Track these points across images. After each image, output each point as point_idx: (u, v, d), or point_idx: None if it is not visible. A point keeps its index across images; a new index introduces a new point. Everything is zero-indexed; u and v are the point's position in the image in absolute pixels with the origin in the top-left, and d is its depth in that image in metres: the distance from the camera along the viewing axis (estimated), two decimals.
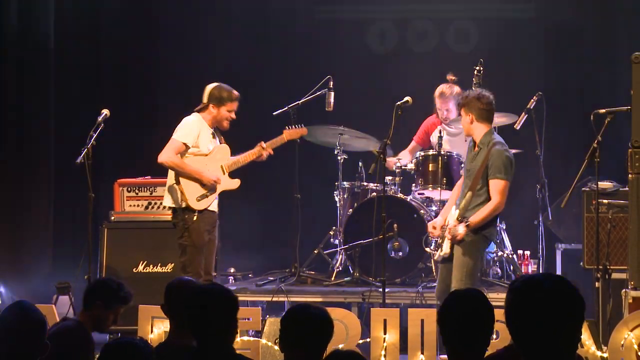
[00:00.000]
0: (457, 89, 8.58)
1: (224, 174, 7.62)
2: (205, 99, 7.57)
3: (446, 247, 7.11)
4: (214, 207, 7.58)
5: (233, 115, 7.58)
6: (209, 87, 7.60)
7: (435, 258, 7.43)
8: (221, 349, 4.23)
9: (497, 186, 6.97)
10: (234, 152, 7.80)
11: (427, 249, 7.81)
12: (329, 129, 8.71)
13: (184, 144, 7.42)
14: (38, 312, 3.82)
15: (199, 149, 7.51)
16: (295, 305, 4.39)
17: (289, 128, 8.03)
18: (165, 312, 4.96)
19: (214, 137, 7.63)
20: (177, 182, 7.43)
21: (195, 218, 7.41)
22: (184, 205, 7.42)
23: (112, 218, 8.50)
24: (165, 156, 7.41)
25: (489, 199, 6.99)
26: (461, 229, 6.90)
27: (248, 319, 6.85)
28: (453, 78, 8.64)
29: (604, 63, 9.64)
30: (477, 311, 3.76)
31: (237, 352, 4.39)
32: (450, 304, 3.82)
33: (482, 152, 7.03)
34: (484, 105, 7.06)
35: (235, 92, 7.59)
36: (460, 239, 6.93)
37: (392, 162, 8.56)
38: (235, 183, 7.70)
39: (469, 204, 6.98)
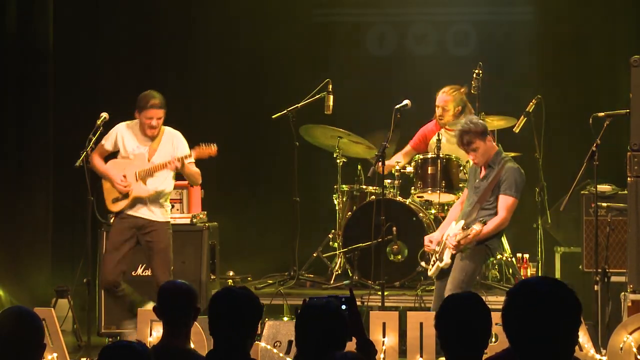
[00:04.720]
0: (457, 93, 8.54)
1: (137, 180, 7.61)
2: None
3: (447, 258, 7.15)
4: (138, 213, 7.57)
5: (152, 123, 7.46)
6: None
7: (430, 274, 7.44)
8: (239, 354, 4.19)
9: (506, 202, 7.11)
10: (230, 155, 7.76)
11: (423, 264, 7.81)
12: (328, 130, 8.69)
13: (103, 145, 7.61)
14: (35, 317, 3.81)
15: (123, 152, 7.63)
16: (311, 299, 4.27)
17: (200, 145, 7.54)
18: (158, 315, 4.95)
19: (148, 142, 7.58)
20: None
21: (112, 220, 7.71)
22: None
23: (111, 221, 8.47)
24: (91, 157, 7.61)
25: (496, 213, 7.09)
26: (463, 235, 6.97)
27: None
28: (463, 90, 8.59)
29: (603, 66, 9.64)
30: (474, 314, 3.72)
31: None
32: (447, 308, 3.78)
33: (494, 170, 7.18)
34: (476, 125, 7.17)
35: (153, 101, 7.44)
36: (463, 246, 7.00)
37: (390, 165, 8.55)
38: (144, 191, 7.61)
39: (477, 215, 7.07)
